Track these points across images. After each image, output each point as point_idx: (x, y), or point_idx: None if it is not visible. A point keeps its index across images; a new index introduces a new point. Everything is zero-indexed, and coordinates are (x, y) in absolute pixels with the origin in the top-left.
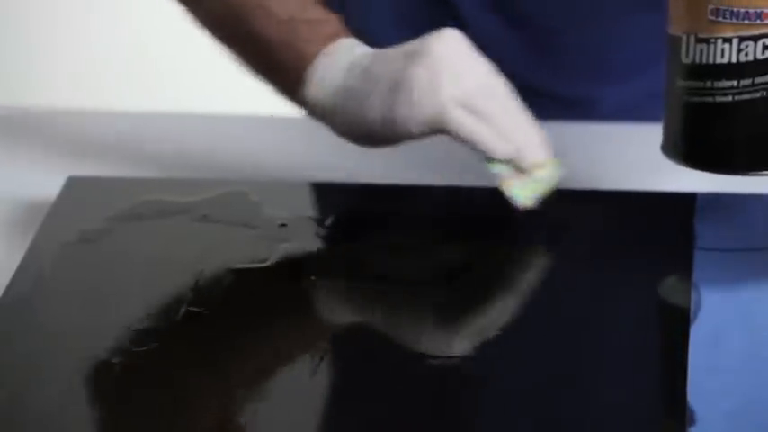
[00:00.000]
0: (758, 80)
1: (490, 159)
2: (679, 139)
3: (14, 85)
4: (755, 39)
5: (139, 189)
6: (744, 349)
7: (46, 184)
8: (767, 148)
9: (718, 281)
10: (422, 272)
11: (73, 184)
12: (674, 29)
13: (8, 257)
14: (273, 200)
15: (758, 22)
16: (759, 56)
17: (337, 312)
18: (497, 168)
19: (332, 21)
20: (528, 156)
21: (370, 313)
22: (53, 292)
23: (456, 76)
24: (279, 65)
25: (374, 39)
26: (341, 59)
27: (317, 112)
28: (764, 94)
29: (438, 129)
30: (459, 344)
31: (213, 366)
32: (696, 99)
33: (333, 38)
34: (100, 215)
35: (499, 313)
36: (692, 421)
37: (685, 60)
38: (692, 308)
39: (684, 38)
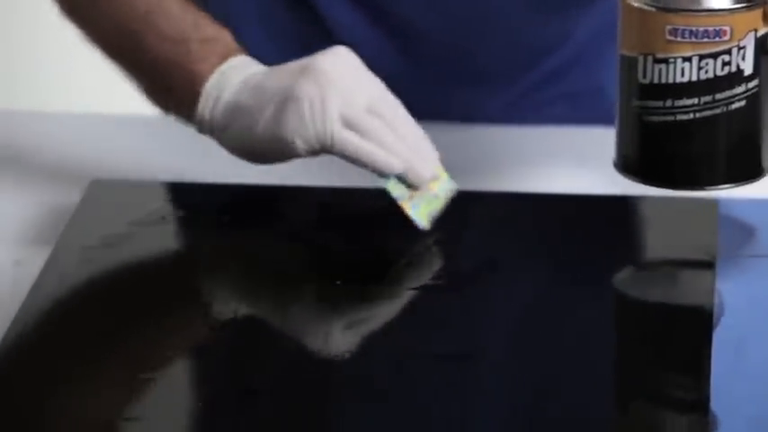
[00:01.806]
0: (718, 96)
1: (386, 181)
2: (637, 157)
3: (37, 89)
4: (715, 56)
5: (162, 193)
6: (767, 355)
7: (69, 187)
8: (727, 162)
9: (741, 287)
10: (449, 277)
11: (96, 188)
12: (628, 49)
13: (32, 261)
14: (294, 204)
15: (717, 39)
16: (719, 72)
17: (365, 315)
18: (394, 191)
19: (225, 39)
20: (419, 171)
21: (387, 317)
22: (76, 295)
23: (344, 94)
24: (172, 84)
25: (237, 39)
26: (234, 77)
27: (209, 128)
28: (724, 109)
29: (325, 146)
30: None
31: (232, 370)
32: (655, 118)
33: (226, 56)
34: (123, 219)
35: (516, 315)
36: (715, 427)
37: (643, 81)
38: (715, 313)
39: (641, 58)
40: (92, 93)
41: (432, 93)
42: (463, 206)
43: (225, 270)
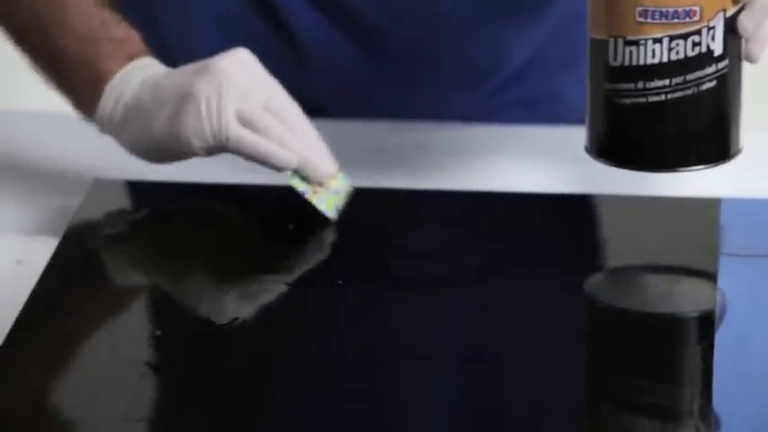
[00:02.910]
0: (689, 77)
1: (289, 178)
2: (610, 141)
3: (39, 89)
4: (685, 37)
5: (163, 192)
6: None
7: (71, 187)
8: (699, 143)
9: (743, 286)
10: (452, 276)
11: (98, 188)
12: (598, 32)
13: (34, 260)
14: (296, 204)
15: (687, 20)
16: (689, 53)
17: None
18: (299, 187)
19: (133, 40)
20: (317, 166)
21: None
22: (78, 294)
23: (241, 92)
24: (78, 81)
25: (198, 50)
26: (136, 77)
27: (109, 126)
28: (695, 90)
29: (221, 144)
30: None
31: (237, 370)
32: (627, 101)
33: (133, 57)
34: (124, 218)
35: (511, 316)
36: (717, 426)
37: (613, 63)
38: (717, 313)
39: (611, 41)
40: None
41: (393, 94)
42: (462, 206)
43: (227, 269)
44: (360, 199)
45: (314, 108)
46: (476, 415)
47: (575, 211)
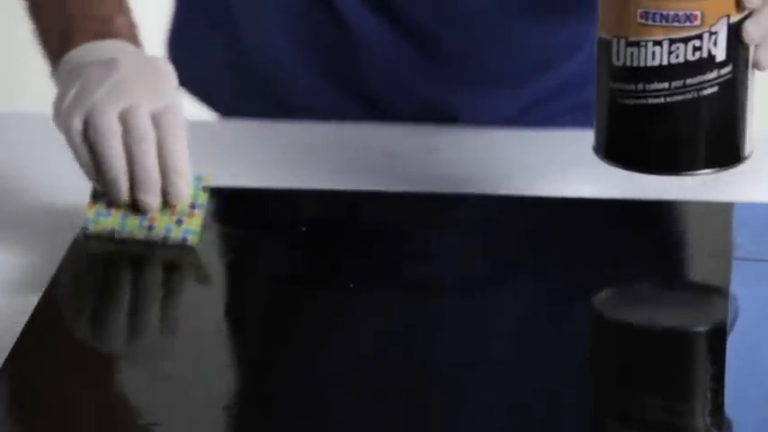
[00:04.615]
0: (689, 81)
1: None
2: (612, 141)
3: (47, 91)
4: (685, 41)
5: None
6: None
7: (81, 191)
8: (702, 147)
9: (756, 291)
10: (464, 281)
11: None
12: (604, 32)
13: (44, 264)
14: (299, 206)
15: (687, 24)
16: (689, 57)
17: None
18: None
19: (112, 21)
20: (116, 191)
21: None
22: (87, 299)
23: (109, 95)
24: (51, 51)
25: (270, 43)
26: (89, 55)
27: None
28: (696, 95)
29: (65, 133)
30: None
31: (243, 373)
32: (629, 101)
33: (99, 36)
34: None
35: (533, 322)
36: (729, 430)
37: (616, 63)
38: (730, 318)
39: (615, 41)
40: None
41: (444, 93)
42: (474, 210)
43: (238, 272)
44: (372, 202)
45: (370, 101)
46: (484, 420)
47: (586, 215)
